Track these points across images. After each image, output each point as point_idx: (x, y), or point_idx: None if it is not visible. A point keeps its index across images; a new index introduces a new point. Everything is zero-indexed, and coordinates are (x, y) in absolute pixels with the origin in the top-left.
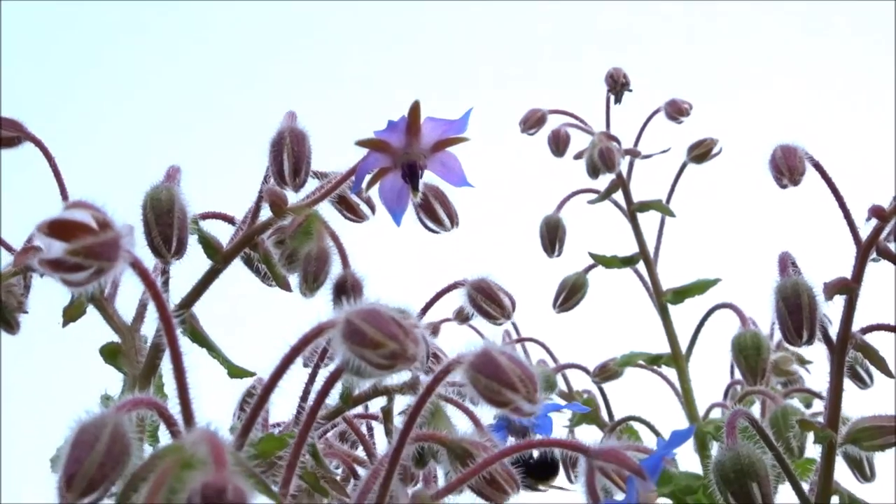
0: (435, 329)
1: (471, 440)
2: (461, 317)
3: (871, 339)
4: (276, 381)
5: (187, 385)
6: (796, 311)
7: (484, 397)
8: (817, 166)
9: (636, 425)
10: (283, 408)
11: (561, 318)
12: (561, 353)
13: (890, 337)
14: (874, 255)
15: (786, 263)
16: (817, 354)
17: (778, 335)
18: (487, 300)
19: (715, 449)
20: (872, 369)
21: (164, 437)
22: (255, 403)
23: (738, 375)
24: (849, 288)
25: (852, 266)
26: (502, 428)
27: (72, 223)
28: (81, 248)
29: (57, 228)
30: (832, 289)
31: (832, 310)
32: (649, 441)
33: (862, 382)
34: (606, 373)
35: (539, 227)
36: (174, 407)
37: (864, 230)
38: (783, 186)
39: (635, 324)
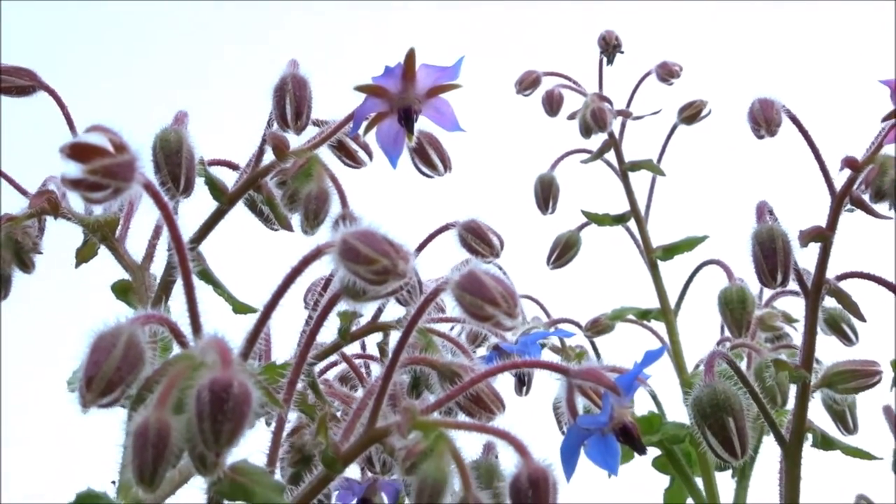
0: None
1: (460, 363)
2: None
3: (850, 286)
4: (278, 298)
5: (196, 299)
6: (771, 255)
7: (469, 313)
8: (793, 119)
9: None
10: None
11: (554, 274)
12: (554, 309)
13: (868, 284)
14: (848, 205)
15: (763, 211)
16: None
17: (767, 293)
18: (477, 239)
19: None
20: (856, 324)
21: None
22: (259, 317)
23: (727, 333)
24: (823, 236)
25: (827, 215)
26: (493, 359)
27: (91, 146)
28: (100, 167)
29: (77, 150)
30: (807, 236)
31: (808, 257)
32: (640, 395)
33: (847, 339)
34: (598, 327)
35: (533, 185)
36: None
37: (839, 181)
38: (760, 137)
39: (626, 280)
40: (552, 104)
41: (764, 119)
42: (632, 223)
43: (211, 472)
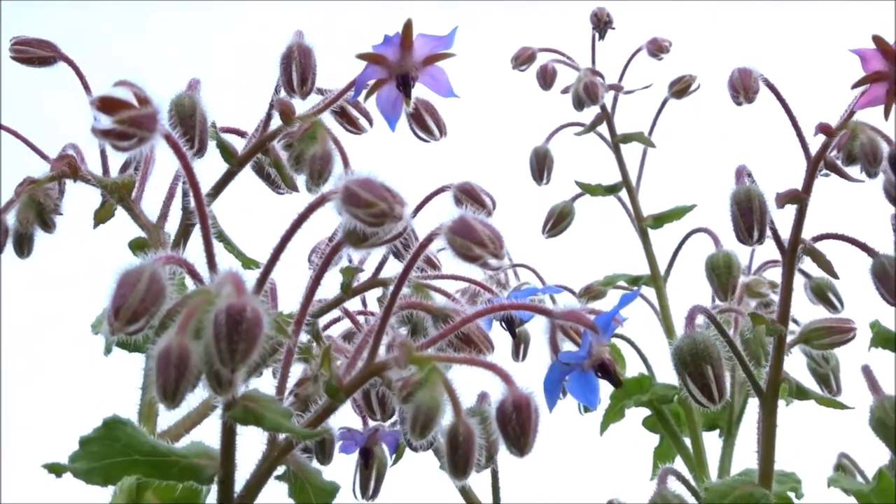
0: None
1: (452, 307)
2: None
3: (826, 247)
4: (286, 241)
5: (212, 238)
6: (748, 214)
7: (459, 254)
8: (771, 87)
9: (618, 342)
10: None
11: (549, 243)
12: (549, 277)
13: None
14: (823, 169)
15: (741, 174)
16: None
17: (756, 264)
18: (470, 199)
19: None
20: (840, 292)
21: None
22: (268, 260)
23: (718, 301)
24: (799, 198)
25: (803, 178)
26: None
27: (118, 100)
28: (127, 118)
29: (106, 103)
30: (784, 198)
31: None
32: (631, 358)
33: (832, 307)
34: (591, 293)
35: (529, 157)
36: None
37: (815, 147)
38: (738, 104)
39: (618, 248)
40: (546, 78)
41: (742, 86)
42: (623, 193)
43: (226, 390)
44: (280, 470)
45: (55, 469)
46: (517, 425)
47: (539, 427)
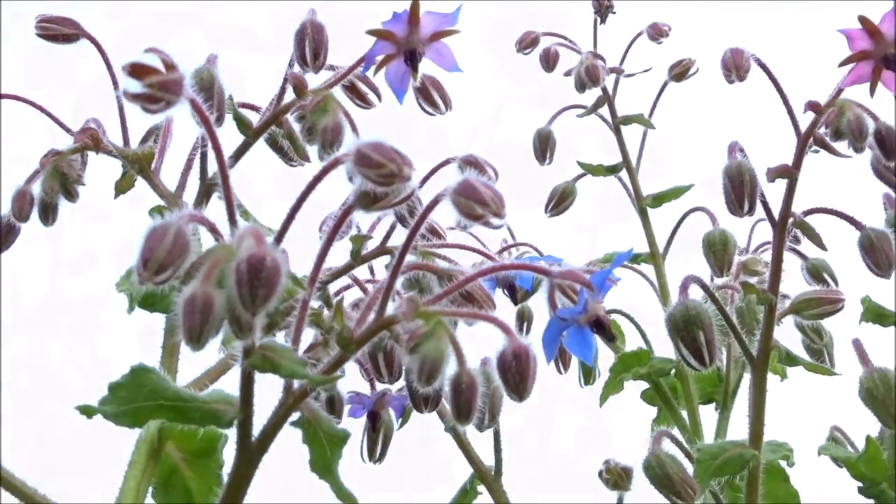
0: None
1: (457, 268)
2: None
3: (816, 221)
4: (302, 201)
5: (232, 195)
6: (739, 187)
7: (462, 213)
8: (762, 65)
9: (618, 318)
10: None
11: (551, 223)
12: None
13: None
14: (813, 145)
15: (733, 150)
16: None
17: (754, 243)
18: (474, 171)
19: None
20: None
21: None
22: (284, 219)
23: (718, 282)
24: (789, 173)
25: (793, 154)
26: (490, 279)
27: (147, 66)
28: (156, 82)
29: (136, 69)
30: (774, 173)
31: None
32: (631, 333)
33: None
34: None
35: (532, 138)
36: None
37: (804, 123)
38: (731, 82)
39: (618, 227)
40: (548, 60)
41: (734, 65)
42: (624, 174)
43: (246, 335)
44: (295, 416)
45: (86, 411)
46: (516, 372)
47: (536, 375)
